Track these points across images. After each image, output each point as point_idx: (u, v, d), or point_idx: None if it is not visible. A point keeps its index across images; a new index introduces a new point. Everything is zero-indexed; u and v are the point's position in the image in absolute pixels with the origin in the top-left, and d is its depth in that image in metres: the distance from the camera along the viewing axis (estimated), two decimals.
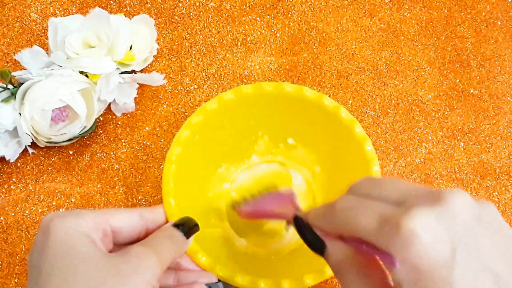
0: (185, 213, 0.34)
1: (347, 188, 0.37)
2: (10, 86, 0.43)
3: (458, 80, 0.52)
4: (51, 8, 0.51)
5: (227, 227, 0.42)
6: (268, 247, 0.42)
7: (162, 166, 0.46)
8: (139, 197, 0.45)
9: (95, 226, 0.27)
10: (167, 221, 0.33)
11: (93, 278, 0.24)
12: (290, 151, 0.44)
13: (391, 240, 0.20)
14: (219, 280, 0.34)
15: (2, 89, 0.43)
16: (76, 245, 0.25)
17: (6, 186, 0.45)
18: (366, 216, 0.22)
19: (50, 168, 0.46)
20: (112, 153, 0.47)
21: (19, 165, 0.46)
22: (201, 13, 0.52)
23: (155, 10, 0.52)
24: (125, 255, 0.26)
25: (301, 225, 0.27)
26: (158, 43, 0.50)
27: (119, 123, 0.48)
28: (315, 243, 0.26)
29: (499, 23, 0.55)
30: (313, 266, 0.35)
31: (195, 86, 0.50)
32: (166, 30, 0.51)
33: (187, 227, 0.32)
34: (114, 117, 0.48)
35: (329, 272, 0.34)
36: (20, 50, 0.46)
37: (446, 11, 0.55)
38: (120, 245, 0.30)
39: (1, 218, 0.44)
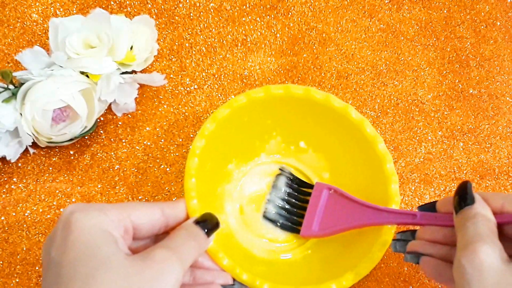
0: (204, 209, 0.33)
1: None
2: (11, 87, 0.44)
3: (457, 80, 0.52)
4: (51, 8, 0.51)
5: (231, 226, 0.43)
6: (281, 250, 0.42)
7: (162, 166, 0.47)
8: (140, 197, 0.46)
9: (117, 223, 0.27)
10: (187, 217, 0.32)
11: (116, 285, 0.24)
12: (301, 154, 0.44)
13: None
14: (234, 281, 0.34)
15: (3, 89, 0.43)
16: (99, 245, 0.25)
17: (7, 186, 0.45)
18: None
19: (51, 168, 0.46)
20: (112, 153, 0.47)
21: (20, 165, 0.46)
22: (202, 13, 0.52)
23: (156, 11, 0.52)
24: (147, 259, 0.26)
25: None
26: (158, 44, 0.50)
27: (120, 123, 0.48)
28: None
29: (499, 23, 0.55)
30: (331, 274, 0.35)
31: (196, 87, 0.50)
32: (167, 31, 0.52)
33: (209, 224, 0.31)
34: (114, 117, 0.48)
35: (344, 283, 0.34)
36: (21, 51, 0.46)
37: (445, 11, 0.55)
38: (139, 239, 0.30)
39: (2, 218, 0.44)
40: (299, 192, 0.43)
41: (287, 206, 0.43)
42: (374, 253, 0.35)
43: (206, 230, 0.30)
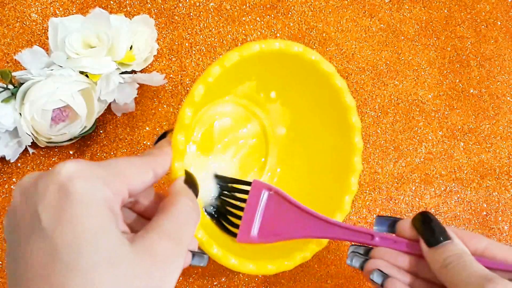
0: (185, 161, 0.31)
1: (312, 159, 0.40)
2: (10, 86, 0.43)
3: (458, 80, 0.52)
4: (51, 8, 0.51)
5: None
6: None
7: None
8: None
9: (117, 196, 0.24)
10: (173, 172, 0.30)
11: (120, 284, 0.21)
12: (268, 104, 0.44)
13: None
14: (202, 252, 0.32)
15: (2, 89, 0.43)
16: (104, 231, 0.22)
17: (6, 186, 0.45)
18: None
19: (50, 168, 0.46)
20: (112, 153, 0.47)
21: (19, 165, 0.46)
22: (201, 13, 0.52)
23: (155, 10, 0.52)
24: (152, 255, 0.23)
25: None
26: (158, 43, 0.50)
27: (119, 123, 0.48)
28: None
29: (499, 23, 0.55)
30: (297, 246, 0.36)
31: None
32: (166, 30, 0.51)
33: (195, 187, 0.29)
34: (114, 117, 0.48)
35: (307, 254, 0.35)
36: (20, 50, 0.46)
37: (446, 11, 0.55)
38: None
39: (2, 218, 0.44)
40: (235, 191, 0.39)
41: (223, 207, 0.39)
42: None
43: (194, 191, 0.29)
